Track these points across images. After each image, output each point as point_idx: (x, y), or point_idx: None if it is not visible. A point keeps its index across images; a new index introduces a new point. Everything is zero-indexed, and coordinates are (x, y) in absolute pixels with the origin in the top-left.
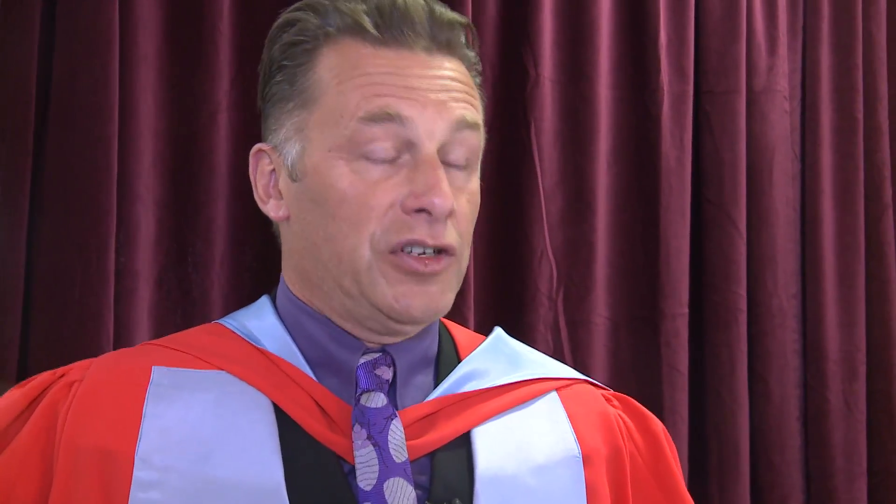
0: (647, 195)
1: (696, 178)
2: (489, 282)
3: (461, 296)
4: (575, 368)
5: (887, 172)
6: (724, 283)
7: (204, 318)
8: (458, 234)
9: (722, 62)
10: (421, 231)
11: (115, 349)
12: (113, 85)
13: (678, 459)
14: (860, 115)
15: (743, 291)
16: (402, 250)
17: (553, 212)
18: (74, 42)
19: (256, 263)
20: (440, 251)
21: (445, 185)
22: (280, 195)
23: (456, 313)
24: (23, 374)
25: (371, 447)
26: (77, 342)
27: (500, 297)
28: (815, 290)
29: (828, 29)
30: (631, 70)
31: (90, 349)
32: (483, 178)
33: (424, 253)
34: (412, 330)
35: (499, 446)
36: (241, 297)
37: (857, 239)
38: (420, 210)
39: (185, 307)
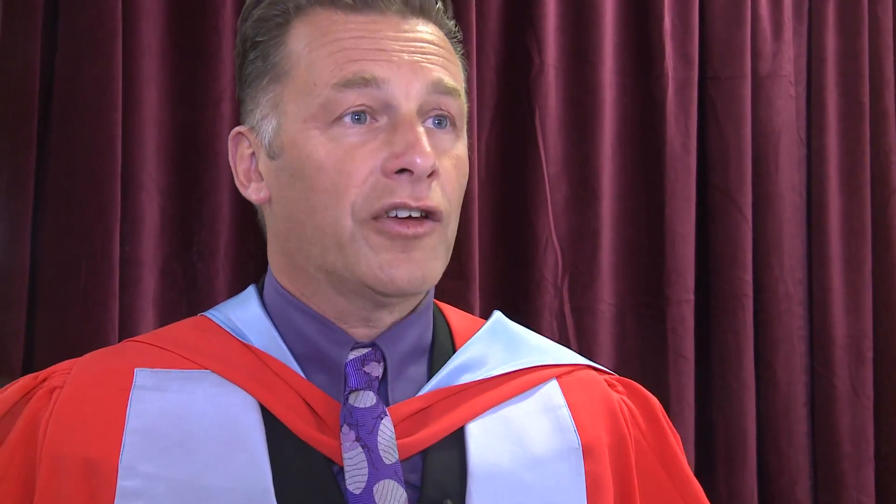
0: (653, 181)
1: (702, 164)
2: (494, 269)
3: (466, 283)
4: (581, 355)
5: (894, 157)
6: (730, 269)
7: (208, 306)
8: (444, 198)
9: (727, 47)
10: (403, 193)
11: (120, 339)
12: (116, 76)
13: (679, 439)
14: (866, 100)
15: (749, 277)
16: (386, 215)
17: (558, 199)
18: (78, 33)
19: (261, 252)
20: (425, 215)
21: (426, 143)
22: (261, 177)
23: (461, 300)
24: (28, 365)
25: (360, 449)
26: (82, 332)
27: (505, 285)
28: (821, 275)
29: (833, 13)
30: (635, 56)
31: (95, 339)
32: (487, 166)
33: (410, 216)
34: (400, 303)
35: (494, 441)
36: (246, 286)
37: (863, 224)
38: (401, 171)
39: (189, 296)
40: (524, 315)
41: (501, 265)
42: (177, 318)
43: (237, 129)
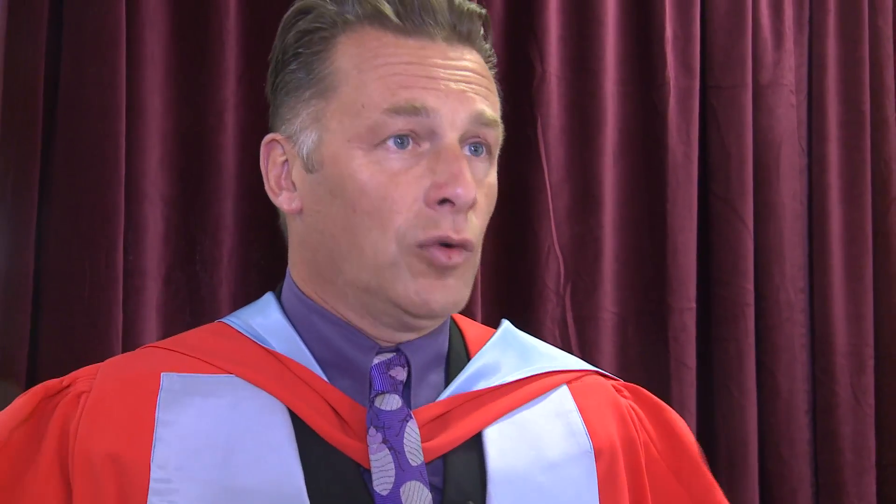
0: (654, 190)
1: (703, 173)
2: (497, 278)
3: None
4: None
5: (894, 166)
6: (732, 278)
7: (212, 316)
8: (476, 228)
9: (728, 57)
10: (446, 226)
11: (124, 348)
12: (120, 84)
13: (694, 442)
14: (867, 109)
15: (750, 286)
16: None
17: (560, 207)
18: (82, 42)
19: (265, 261)
20: (459, 245)
21: (468, 175)
22: (293, 187)
23: (463, 310)
24: (32, 373)
25: (387, 451)
26: (86, 341)
27: (507, 293)
28: (822, 283)
29: (834, 22)
30: (637, 65)
31: (99, 348)
32: None
33: (447, 246)
34: (429, 325)
35: (510, 445)
36: (250, 295)
37: (864, 232)
38: (443, 201)
39: (193, 305)
40: (526, 323)
41: (503, 274)
42: (180, 327)
43: (272, 135)
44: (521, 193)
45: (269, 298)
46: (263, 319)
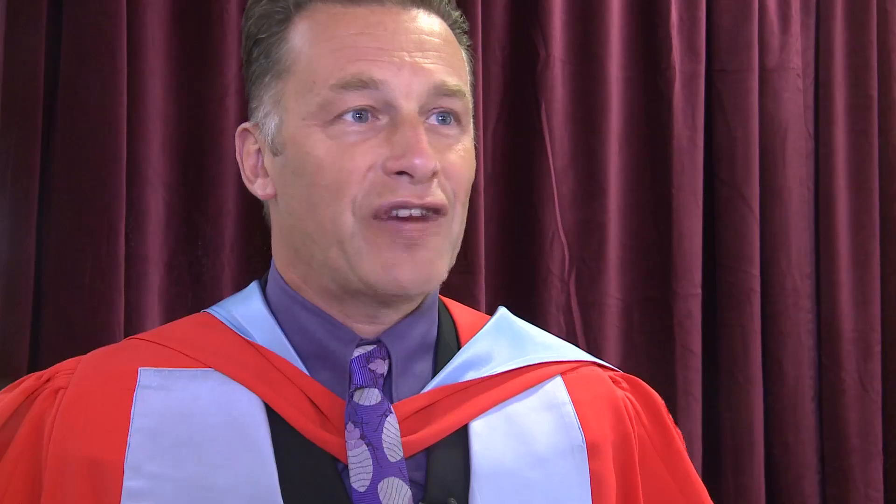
0: (660, 175)
1: (709, 158)
2: (501, 263)
3: (472, 277)
4: (587, 350)
5: None
6: (738, 263)
7: (214, 301)
8: (449, 192)
9: (734, 40)
10: (405, 192)
11: (125, 334)
12: (121, 70)
13: (682, 437)
14: (874, 93)
15: (756, 271)
16: (387, 215)
17: (565, 193)
18: (82, 27)
19: (266, 246)
20: (428, 212)
21: (426, 145)
22: (266, 173)
23: (467, 295)
24: (34, 361)
25: (364, 447)
26: (88, 327)
27: (511, 279)
28: (829, 269)
29: (841, 5)
30: (642, 49)
31: (101, 334)
32: (494, 160)
33: (412, 215)
34: (405, 303)
35: (498, 439)
36: (251, 281)
37: (871, 217)
38: (401, 173)
39: (195, 291)
40: (530, 309)
41: (508, 259)
42: (182, 313)
43: (243, 125)
44: (525, 178)
45: (253, 288)
46: (246, 309)
